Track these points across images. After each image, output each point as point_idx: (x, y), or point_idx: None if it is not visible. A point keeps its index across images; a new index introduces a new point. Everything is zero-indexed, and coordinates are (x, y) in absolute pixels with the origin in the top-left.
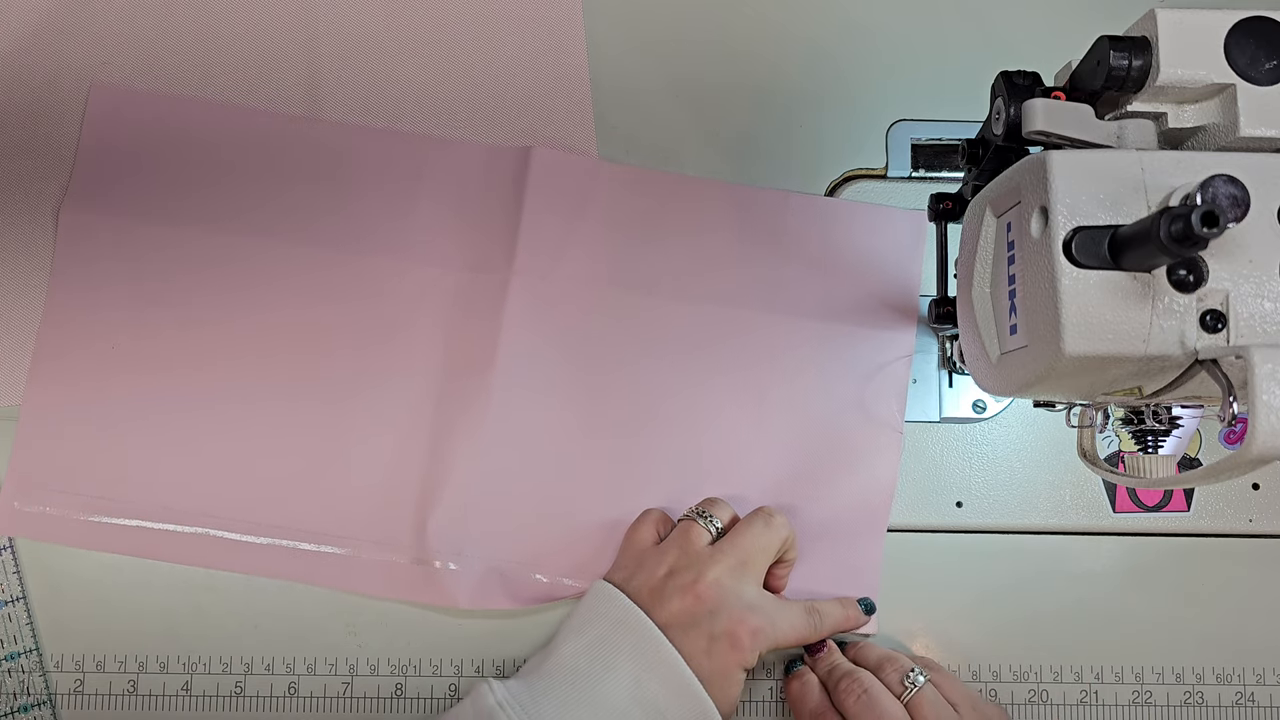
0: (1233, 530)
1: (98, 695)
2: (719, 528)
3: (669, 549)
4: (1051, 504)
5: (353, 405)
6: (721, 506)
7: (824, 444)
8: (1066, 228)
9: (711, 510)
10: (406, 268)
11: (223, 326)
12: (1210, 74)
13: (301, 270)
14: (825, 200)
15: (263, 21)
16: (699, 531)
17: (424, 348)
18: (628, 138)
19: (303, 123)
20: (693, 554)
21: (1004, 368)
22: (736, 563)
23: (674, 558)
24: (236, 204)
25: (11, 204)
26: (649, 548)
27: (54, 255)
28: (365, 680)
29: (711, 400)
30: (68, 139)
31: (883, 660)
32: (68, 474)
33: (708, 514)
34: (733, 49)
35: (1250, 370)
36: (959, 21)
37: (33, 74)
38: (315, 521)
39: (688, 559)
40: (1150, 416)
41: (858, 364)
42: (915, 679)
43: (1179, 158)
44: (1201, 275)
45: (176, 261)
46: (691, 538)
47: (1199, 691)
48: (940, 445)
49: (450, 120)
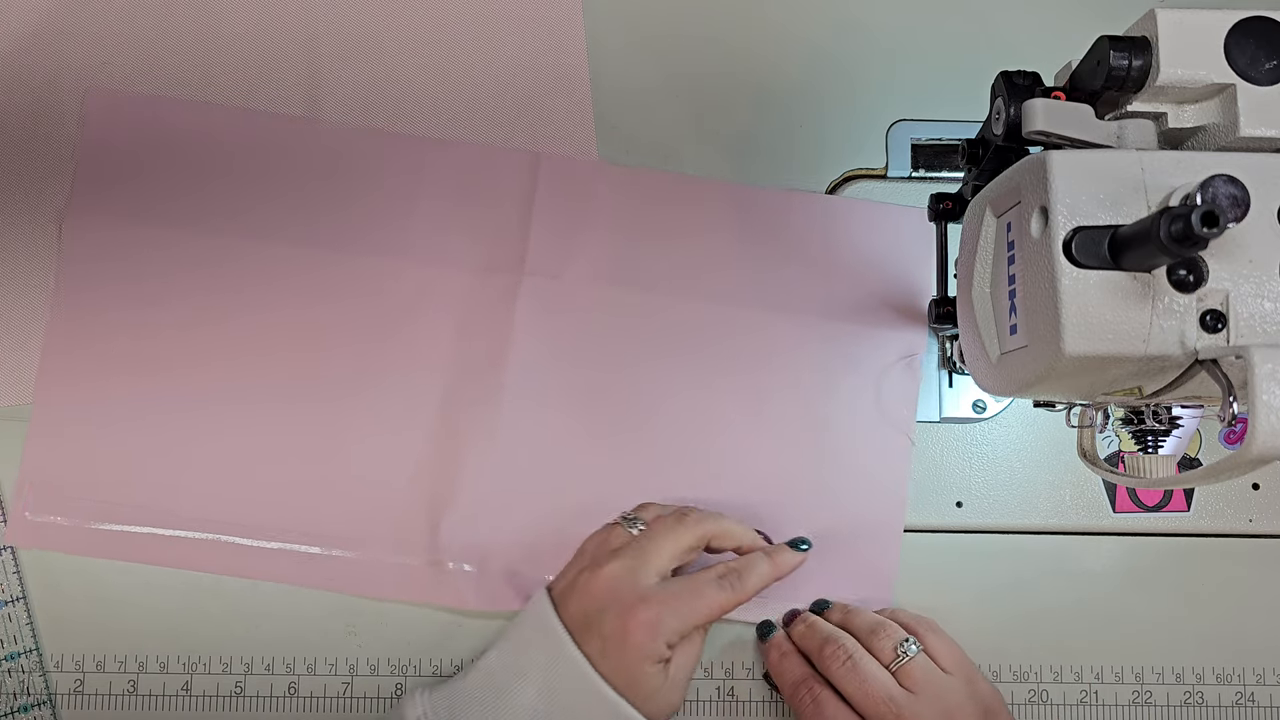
0: (1233, 530)
1: (98, 695)
2: (640, 528)
3: (585, 549)
4: (1051, 504)
5: (358, 406)
6: (652, 509)
7: (834, 445)
8: (1066, 228)
9: (639, 513)
10: (410, 268)
11: (223, 329)
12: (1210, 74)
13: (303, 270)
14: (831, 198)
15: (263, 22)
16: (618, 533)
17: (432, 348)
18: (628, 138)
19: (302, 124)
20: (601, 554)
21: (1004, 368)
22: (633, 557)
23: (588, 558)
24: (236, 206)
25: (11, 203)
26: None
27: (57, 263)
28: (365, 680)
29: (720, 401)
30: (68, 139)
31: (875, 627)
32: (77, 483)
33: (633, 517)
34: (732, 48)
35: (1250, 370)
36: (959, 21)
37: (33, 74)
38: (326, 525)
39: (594, 559)
40: (1150, 416)
41: (866, 363)
42: (907, 649)
43: (1179, 158)
44: (1201, 275)
45: (178, 265)
46: (609, 539)
47: (1199, 692)
48: (940, 445)
49: (450, 120)
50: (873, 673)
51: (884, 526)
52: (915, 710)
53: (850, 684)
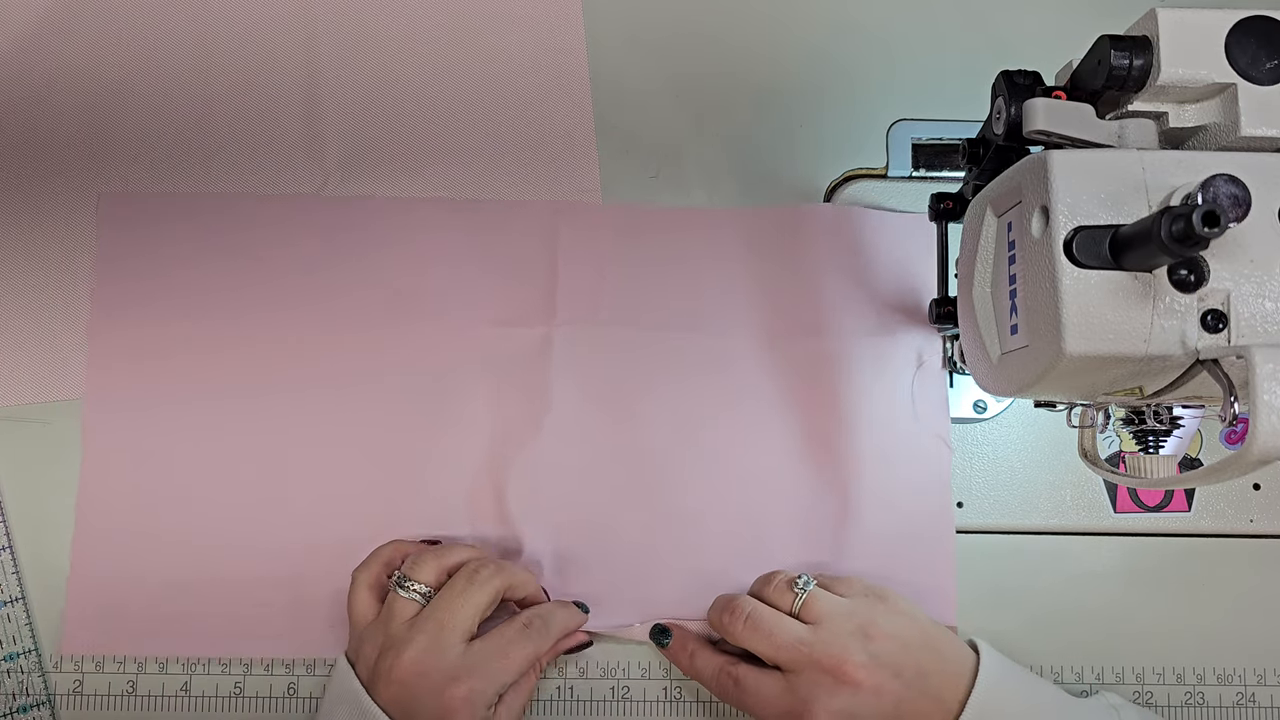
0: (1234, 530)
1: (97, 695)
2: (423, 594)
3: (378, 628)
4: (1052, 504)
5: (407, 489)
6: (425, 567)
7: (871, 455)
8: (1067, 227)
9: (414, 576)
10: (444, 335)
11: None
12: (1211, 73)
13: (334, 352)
14: (837, 209)
15: (262, 21)
16: (401, 604)
17: (473, 414)
18: (628, 138)
19: (313, 202)
20: (393, 633)
21: (1005, 368)
22: (433, 632)
23: (381, 638)
24: (260, 296)
25: (11, 203)
26: (367, 622)
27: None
28: None
29: (758, 428)
30: (67, 139)
31: (765, 581)
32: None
33: (409, 582)
34: (733, 49)
35: (1251, 370)
36: (959, 21)
37: (33, 74)
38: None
39: (390, 639)
40: (1151, 417)
41: (890, 371)
42: (804, 585)
43: (1180, 157)
44: (1202, 275)
45: (205, 360)
46: (395, 612)
47: (1200, 692)
48: None
49: (450, 120)
50: (775, 621)
51: (936, 534)
52: (824, 640)
53: (756, 640)
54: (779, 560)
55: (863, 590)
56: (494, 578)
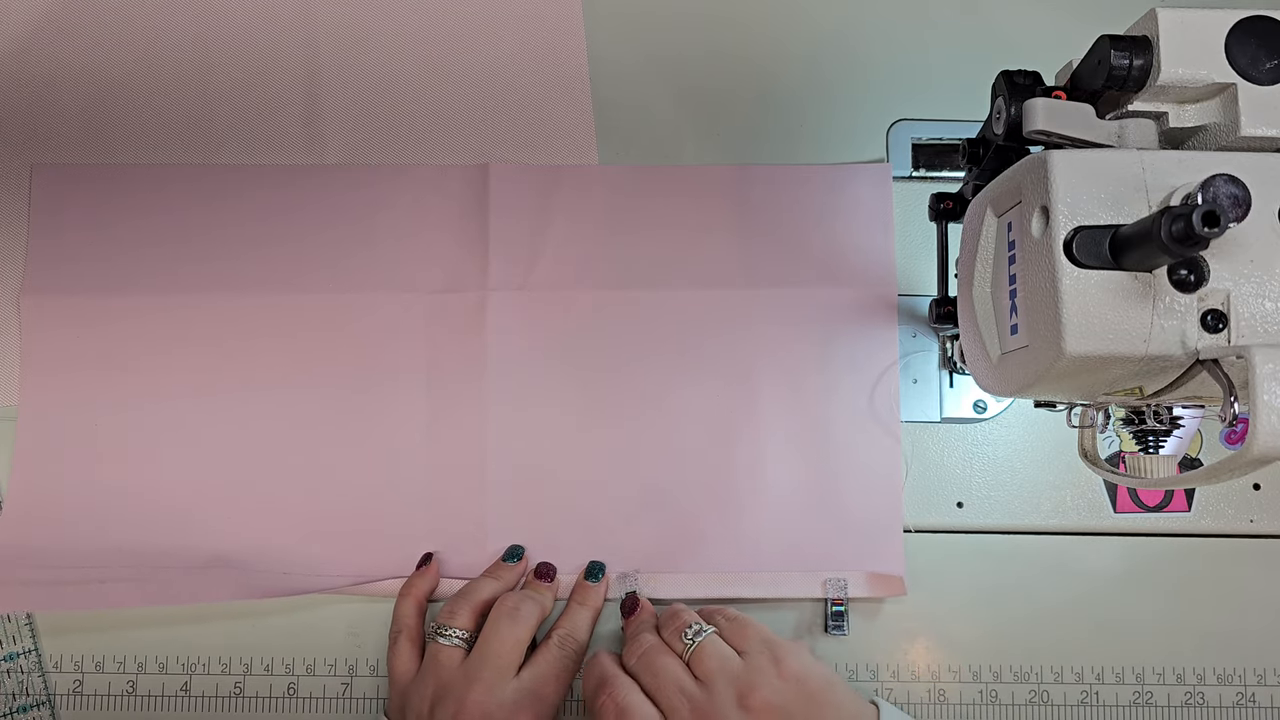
0: (1234, 531)
1: (97, 695)
2: (464, 638)
3: (425, 679)
4: (1052, 504)
5: (344, 443)
6: (460, 613)
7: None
8: (1067, 227)
9: (450, 623)
10: (378, 299)
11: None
12: (1211, 73)
13: (269, 315)
14: (785, 168)
15: (262, 21)
16: (447, 653)
17: (409, 375)
18: (628, 137)
19: (248, 171)
20: (446, 680)
21: (1005, 368)
22: (492, 674)
23: (431, 689)
24: (196, 260)
25: (10, 204)
26: (408, 680)
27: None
28: (365, 680)
29: (700, 384)
30: (66, 139)
31: (666, 619)
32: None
33: (447, 629)
34: (733, 49)
35: (1251, 370)
36: (959, 21)
37: (32, 74)
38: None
39: (444, 688)
40: (1151, 417)
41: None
42: (694, 635)
43: (1180, 157)
44: (1202, 275)
45: (143, 327)
46: (441, 660)
47: (1200, 692)
48: (941, 445)
49: (449, 119)
50: (664, 664)
51: (885, 510)
52: (701, 704)
53: (645, 678)
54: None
55: (760, 643)
56: (532, 612)
